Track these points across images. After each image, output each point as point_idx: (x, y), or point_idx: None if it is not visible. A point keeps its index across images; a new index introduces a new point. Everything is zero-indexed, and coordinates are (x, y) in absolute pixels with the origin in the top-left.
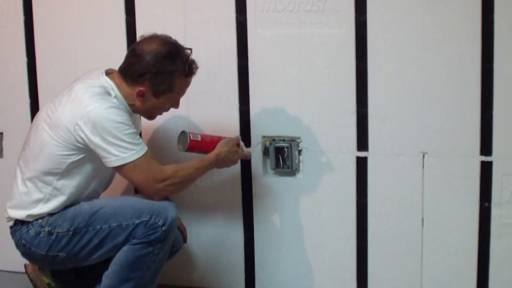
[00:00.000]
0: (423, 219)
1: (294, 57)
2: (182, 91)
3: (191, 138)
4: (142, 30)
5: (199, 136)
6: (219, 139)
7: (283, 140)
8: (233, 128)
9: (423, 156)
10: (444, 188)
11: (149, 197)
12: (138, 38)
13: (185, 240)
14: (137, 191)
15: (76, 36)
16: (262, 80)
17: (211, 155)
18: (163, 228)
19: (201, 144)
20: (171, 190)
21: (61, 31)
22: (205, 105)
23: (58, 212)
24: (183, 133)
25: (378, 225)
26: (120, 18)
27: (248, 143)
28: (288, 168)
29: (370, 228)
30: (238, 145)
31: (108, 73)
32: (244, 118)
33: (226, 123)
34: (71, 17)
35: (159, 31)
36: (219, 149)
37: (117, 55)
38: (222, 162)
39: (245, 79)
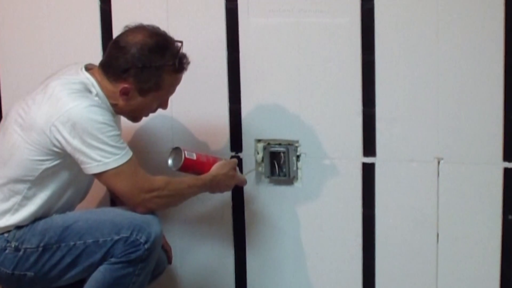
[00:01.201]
0: (438, 234)
1: (292, 50)
2: (171, 89)
3: (186, 156)
4: (119, 19)
5: (194, 155)
6: (214, 160)
7: (279, 144)
8: (222, 130)
9: (438, 162)
10: (462, 199)
11: (132, 209)
12: (122, 28)
13: (169, 261)
14: (113, 203)
15: (43, 26)
16: (255, 76)
17: (207, 175)
18: (146, 246)
19: (196, 164)
20: (158, 203)
21: (27, 20)
22: (191, 104)
23: (27, 225)
24: (176, 149)
25: (387, 240)
26: (94, 5)
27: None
28: (285, 175)
29: (377, 244)
30: (234, 169)
31: (88, 68)
32: (234, 119)
33: (214, 124)
34: (38, 5)
35: (137, 20)
36: (215, 171)
37: (91, 47)
38: (216, 185)
39: (236, 74)
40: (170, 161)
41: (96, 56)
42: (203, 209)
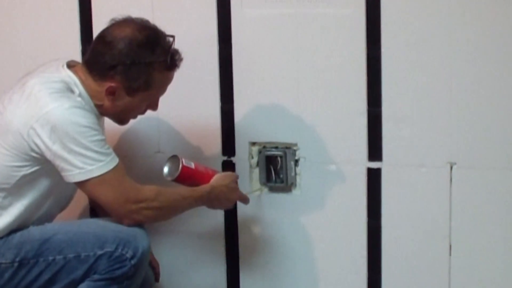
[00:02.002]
0: (450, 246)
1: (290, 44)
2: (162, 88)
3: (184, 164)
4: (99, 10)
5: (192, 164)
6: (214, 172)
7: (276, 148)
8: (213, 132)
9: (451, 168)
10: (476, 207)
11: (117, 221)
12: (108, 22)
13: (157, 278)
14: (94, 213)
15: (17, 18)
16: (250, 73)
17: (206, 186)
18: (132, 262)
19: (194, 174)
20: (147, 216)
21: None
22: (179, 104)
23: (2, 237)
24: (174, 157)
25: (394, 253)
26: None
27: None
28: (282, 182)
29: (384, 257)
30: (236, 182)
31: (70, 65)
32: (226, 120)
33: (205, 125)
34: None
35: (119, 12)
36: (215, 182)
37: (69, 41)
38: (216, 198)
39: (228, 71)
40: (166, 170)
41: (74, 51)
42: (193, 221)
